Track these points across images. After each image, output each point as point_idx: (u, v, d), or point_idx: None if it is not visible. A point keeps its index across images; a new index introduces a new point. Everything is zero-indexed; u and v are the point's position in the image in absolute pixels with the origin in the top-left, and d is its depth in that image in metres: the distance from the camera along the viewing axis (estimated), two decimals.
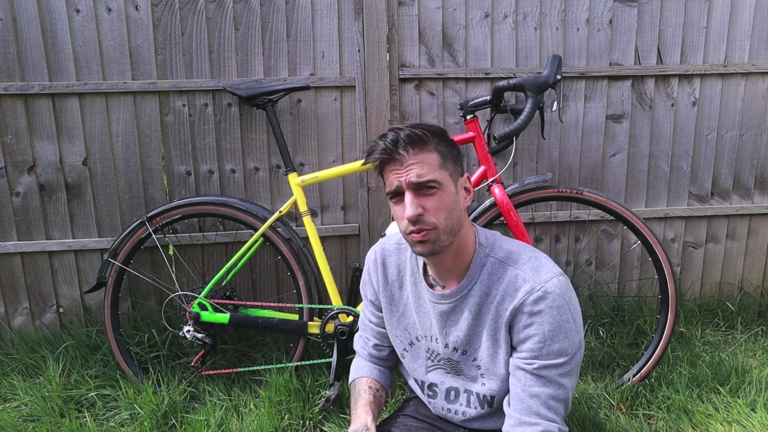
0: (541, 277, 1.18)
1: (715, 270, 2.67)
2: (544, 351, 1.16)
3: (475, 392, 1.31)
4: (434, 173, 1.15)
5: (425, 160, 1.15)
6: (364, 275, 1.46)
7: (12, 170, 2.26)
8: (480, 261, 1.24)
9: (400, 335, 1.39)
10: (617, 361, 2.31)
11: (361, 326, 1.53)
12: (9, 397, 2.16)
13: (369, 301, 1.46)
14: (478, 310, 1.24)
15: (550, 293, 1.16)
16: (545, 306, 1.16)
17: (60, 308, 2.40)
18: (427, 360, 1.36)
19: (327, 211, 2.44)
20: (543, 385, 1.17)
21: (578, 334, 1.19)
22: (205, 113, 2.30)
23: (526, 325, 1.18)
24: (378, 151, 1.17)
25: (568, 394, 1.19)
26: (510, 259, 1.23)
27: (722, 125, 2.53)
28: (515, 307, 1.19)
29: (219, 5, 2.23)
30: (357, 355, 1.55)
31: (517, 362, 1.20)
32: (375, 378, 1.46)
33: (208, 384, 2.19)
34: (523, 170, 2.48)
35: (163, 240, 2.34)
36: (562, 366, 1.16)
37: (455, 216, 1.18)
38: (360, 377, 1.47)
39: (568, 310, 1.17)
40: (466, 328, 1.26)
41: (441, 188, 1.16)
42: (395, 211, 1.21)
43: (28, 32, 2.16)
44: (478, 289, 1.24)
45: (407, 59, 2.34)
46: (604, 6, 2.38)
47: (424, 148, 1.16)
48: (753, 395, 2.05)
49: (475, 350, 1.28)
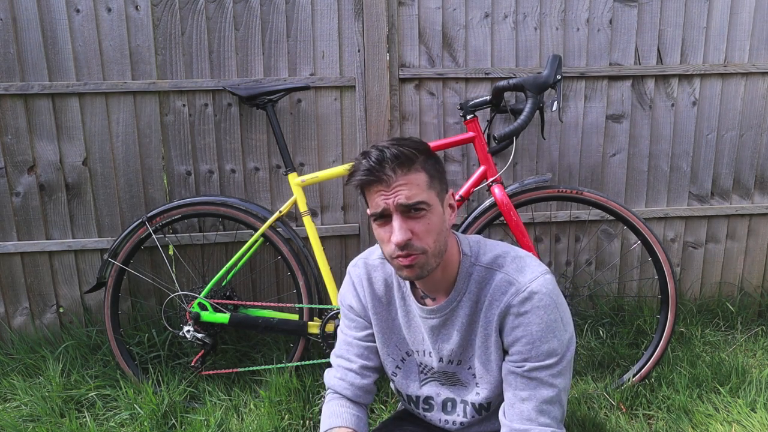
0: (526, 278, 1.16)
1: (715, 270, 2.67)
2: (533, 353, 1.14)
3: (470, 402, 1.30)
4: (423, 194, 1.09)
5: (413, 180, 1.09)
6: (345, 288, 1.36)
7: (12, 170, 2.26)
8: (466, 271, 1.21)
9: (392, 353, 1.34)
10: (617, 361, 2.31)
11: (339, 353, 1.37)
12: (9, 397, 2.16)
13: (353, 316, 1.35)
14: (469, 320, 1.23)
15: (536, 293, 1.15)
16: (531, 306, 1.14)
17: (60, 308, 2.40)
18: (420, 374, 1.33)
19: (327, 211, 2.44)
20: (534, 388, 1.15)
21: (567, 332, 1.17)
22: (205, 113, 2.30)
23: (514, 327, 1.16)
24: (361, 171, 1.09)
25: (561, 396, 1.17)
26: (495, 264, 1.21)
27: (722, 125, 2.53)
28: (502, 310, 1.17)
29: (219, 5, 2.23)
30: (332, 394, 1.34)
31: (508, 366, 1.19)
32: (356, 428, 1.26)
33: (208, 384, 2.19)
34: (523, 170, 2.48)
35: (163, 240, 2.34)
36: (553, 366, 1.15)
37: (443, 237, 1.14)
38: (338, 427, 1.25)
39: (555, 309, 1.16)
40: (459, 339, 1.24)
41: (430, 210, 1.11)
42: (379, 234, 1.14)
43: (28, 32, 2.16)
44: (468, 300, 1.22)
45: (407, 59, 2.34)
46: (604, 6, 2.38)
47: (412, 168, 1.09)
48: (753, 395, 2.05)
49: (470, 358, 1.26)
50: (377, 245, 1.32)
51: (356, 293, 1.34)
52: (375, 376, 1.36)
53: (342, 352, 1.36)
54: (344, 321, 1.38)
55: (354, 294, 1.34)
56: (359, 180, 1.10)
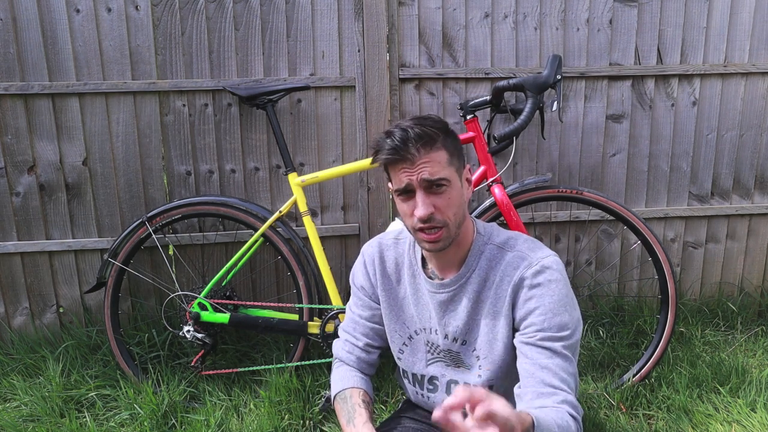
0: (538, 255, 1.22)
1: (715, 270, 2.67)
2: (546, 324, 1.16)
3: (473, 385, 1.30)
4: (444, 171, 1.16)
5: (435, 158, 1.16)
6: (357, 267, 1.42)
7: (12, 170, 2.26)
8: (478, 249, 1.26)
9: (399, 330, 1.38)
10: (617, 361, 2.31)
11: (347, 328, 1.45)
12: (9, 397, 2.16)
13: (361, 295, 1.42)
14: (477, 296, 1.26)
15: (548, 267, 1.19)
16: (544, 279, 1.18)
17: (60, 308, 2.40)
18: (427, 353, 1.36)
19: (327, 211, 2.44)
20: (551, 357, 1.15)
21: (577, 311, 1.21)
22: (205, 113, 2.31)
23: (527, 299, 1.19)
24: (387, 150, 1.16)
25: (575, 370, 1.17)
26: (507, 245, 1.26)
27: (722, 125, 2.53)
28: (515, 283, 1.20)
29: (219, 5, 2.23)
30: (340, 363, 1.44)
31: (521, 339, 1.19)
32: (366, 390, 1.38)
33: (208, 384, 2.19)
34: (523, 170, 2.48)
35: (163, 240, 2.34)
36: (566, 339, 1.16)
37: (462, 210, 1.21)
38: (351, 388, 1.36)
39: (566, 285, 1.20)
40: (465, 316, 1.27)
41: (450, 185, 1.18)
42: (402, 208, 1.21)
43: (28, 32, 2.16)
44: (477, 276, 1.25)
45: (407, 59, 2.34)
46: (604, 6, 2.38)
47: (434, 147, 1.16)
48: (753, 395, 2.05)
49: (474, 340, 1.28)
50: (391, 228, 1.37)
51: (366, 272, 1.40)
52: (379, 352, 1.45)
53: (349, 329, 1.44)
54: (353, 299, 1.45)
55: (364, 273, 1.40)
56: (385, 158, 1.17)
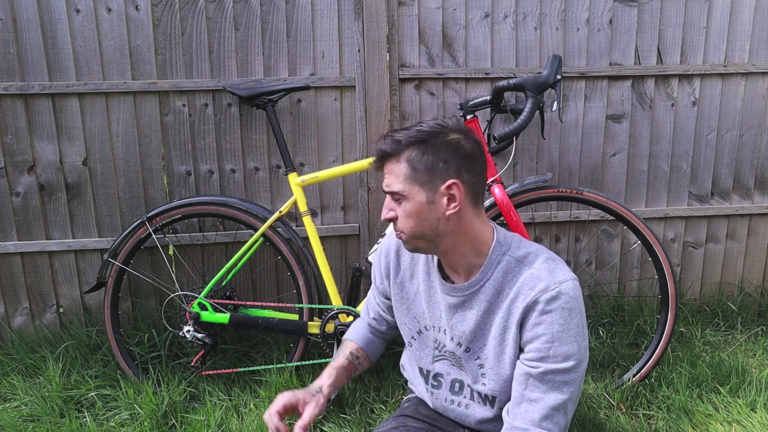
0: (556, 278, 1.19)
1: (715, 270, 2.67)
2: (551, 352, 1.15)
3: (476, 390, 1.31)
4: (400, 185, 1.21)
5: (394, 170, 1.22)
6: (375, 256, 1.51)
7: (12, 170, 2.26)
8: (496, 258, 1.25)
9: (409, 323, 1.40)
10: (617, 361, 2.31)
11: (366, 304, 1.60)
12: (9, 397, 2.16)
13: (377, 284, 1.50)
14: (488, 307, 1.25)
15: (563, 294, 1.17)
16: (557, 306, 1.16)
17: (60, 308, 2.40)
18: (435, 350, 1.38)
19: (327, 211, 2.44)
20: (544, 391, 1.15)
21: (585, 341, 1.19)
22: (205, 113, 2.31)
23: (536, 324, 1.17)
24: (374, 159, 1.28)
25: (568, 406, 1.16)
26: (527, 260, 1.24)
27: (722, 125, 2.53)
28: (528, 305, 1.19)
29: (219, 5, 2.23)
30: (360, 318, 1.62)
31: (522, 365, 1.19)
32: (363, 346, 1.52)
33: (208, 384, 2.19)
34: (523, 170, 2.48)
35: (163, 240, 2.34)
36: (567, 372, 1.15)
37: (427, 224, 1.21)
38: (350, 340, 1.54)
39: (579, 314, 1.18)
40: (474, 324, 1.26)
41: (405, 199, 1.21)
42: None
43: (28, 32, 2.16)
44: (491, 287, 1.24)
45: (407, 59, 2.34)
46: (604, 6, 2.38)
47: (393, 160, 1.22)
48: (753, 395, 2.05)
49: (480, 349, 1.28)
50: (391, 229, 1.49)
51: (380, 263, 1.47)
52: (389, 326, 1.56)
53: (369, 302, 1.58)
54: (373, 284, 1.54)
55: (378, 263, 1.47)
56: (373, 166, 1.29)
